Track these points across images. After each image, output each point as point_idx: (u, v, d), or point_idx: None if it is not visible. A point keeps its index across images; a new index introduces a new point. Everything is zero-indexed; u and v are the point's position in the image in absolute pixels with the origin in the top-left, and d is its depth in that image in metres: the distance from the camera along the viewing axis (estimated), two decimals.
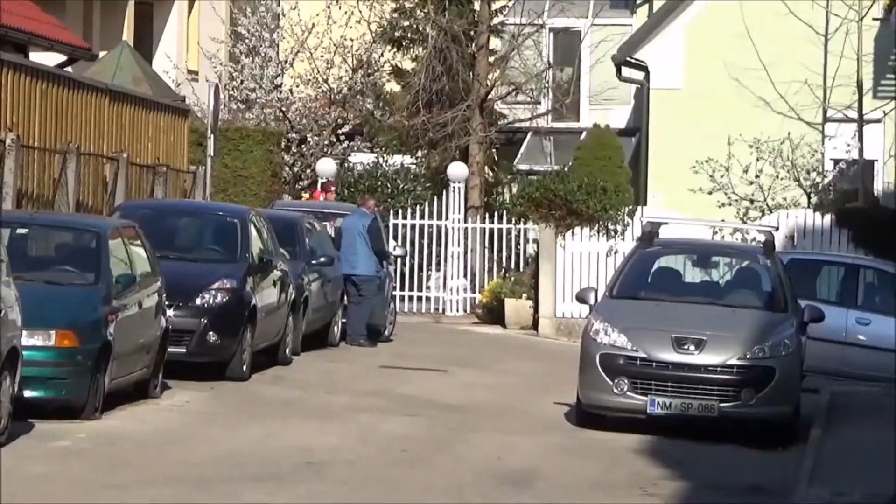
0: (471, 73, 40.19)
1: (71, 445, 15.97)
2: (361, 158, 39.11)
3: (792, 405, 19.66)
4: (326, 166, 36.70)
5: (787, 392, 19.51)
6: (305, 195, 31.59)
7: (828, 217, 33.47)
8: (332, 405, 20.27)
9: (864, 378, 23.72)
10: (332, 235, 28.96)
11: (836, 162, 36.57)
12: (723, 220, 32.95)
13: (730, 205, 34.81)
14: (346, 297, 27.96)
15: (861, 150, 36.23)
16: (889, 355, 23.05)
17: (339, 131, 40.77)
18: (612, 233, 33.55)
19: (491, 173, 40.03)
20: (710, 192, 35.11)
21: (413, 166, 38.83)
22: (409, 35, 42.64)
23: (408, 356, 24.37)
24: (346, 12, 42.22)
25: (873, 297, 25.96)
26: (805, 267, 25.83)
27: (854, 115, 36.08)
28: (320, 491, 14.28)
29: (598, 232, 33.87)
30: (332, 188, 31.16)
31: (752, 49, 35.47)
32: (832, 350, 23.61)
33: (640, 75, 38.89)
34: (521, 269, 35.36)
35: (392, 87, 42.44)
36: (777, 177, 35.46)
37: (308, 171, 38.50)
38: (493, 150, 41.53)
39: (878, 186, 35.61)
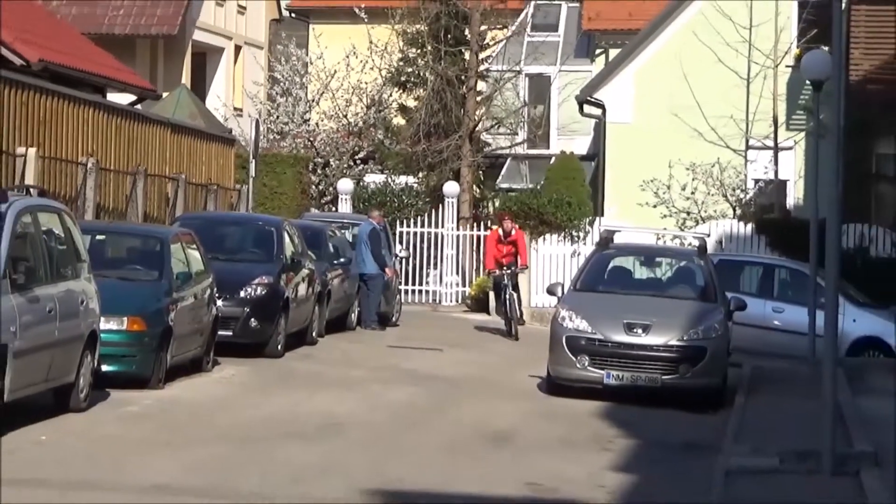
0: (462, 110, 40.08)
1: (139, 410, 16.00)
2: (374, 178, 39.00)
3: (720, 377, 19.70)
4: (345, 185, 36.78)
5: (716, 367, 19.54)
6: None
7: (749, 226, 33.49)
8: (350, 378, 20.28)
9: (779, 355, 23.73)
10: (351, 241, 29.02)
11: (757, 181, 36.54)
12: (665, 229, 32.90)
13: (670, 216, 34.76)
14: (360, 291, 27.98)
15: (776, 172, 36.28)
16: (799, 337, 23.02)
17: (356, 157, 40.71)
18: (575, 238, 33.49)
19: (478, 190, 39.93)
20: (654, 206, 35.05)
21: (415, 185, 38.68)
22: (412, 79, 42.54)
23: (411, 338, 24.36)
24: (361, 61, 42.20)
25: (786, 290, 26.00)
26: (731, 266, 25.84)
27: (771, 143, 36.11)
28: (340, 447, 14.38)
29: (564, 238, 33.85)
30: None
31: (688, 90, 35.43)
32: (753, 333, 23.61)
33: (598, 112, 38.85)
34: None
35: (398, 121, 42.32)
36: (708, 193, 35.42)
37: (330, 188, 38.42)
38: (480, 172, 41.43)
39: (790, 201, 35.61)
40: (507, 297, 26.44)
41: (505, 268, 26.49)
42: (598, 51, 44.48)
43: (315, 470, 13.04)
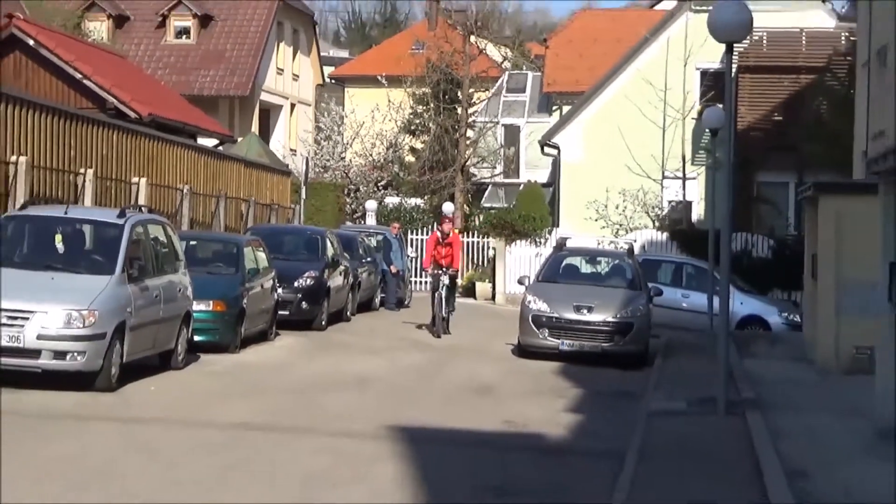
0: (455, 150, 40.12)
1: (221, 369, 16.01)
2: (392, 200, 38.93)
3: (644, 345, 19.66)
4: (371, 205, 36.73)
5: (640, 337, 19.50)
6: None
7: (665, 234, 33.43)
8: (374, 346, 20.29)
9: (686, 329, 23.73)
10: (374, 245, 29.02)
11: (670, 202, 36.46)
12: (603, 237, 32.94)
13: (607, 227, 34.67)
14: (382, 281, 28.03)
15: (684, 195, 36.21)
16: (700, 315, 23.04)
17: (379, 184, 40.66)
18: (538, 244, 33.40)
19: (467, 209, 39.80)
20: (596, 220, 34.98)
21: (422, 204, 38.68)
22: (419, 128, 42.63)
23: (419, 317, 24.33)
24: (382, 115, 42.24)
25: (691, 281, 25.99)
26: (651, 264, 25.82)
27: (680, 175, 36.08)
28: (367, 396, 14.38)
29: (530, 243, 33.74)
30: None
31: (620, 136, 35.36)
32: (667, 312, 23.60)
33: (554, 152, 38.75)
34: (485, 265, 35.25)
35: (409, 158, 42.27)
36: (635, 211, 35.34)
37: (360, 207, 38.38)
38: (469, 195, 41.34)
39: (694, 217, 35.51)
40: (438, 296, 21.90)
41: (442, 269, 21.99)
42: (554, 107, 44.36)
43: (350, 412, 13.11)
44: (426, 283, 35.39)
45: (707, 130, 26.29)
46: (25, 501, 8.15)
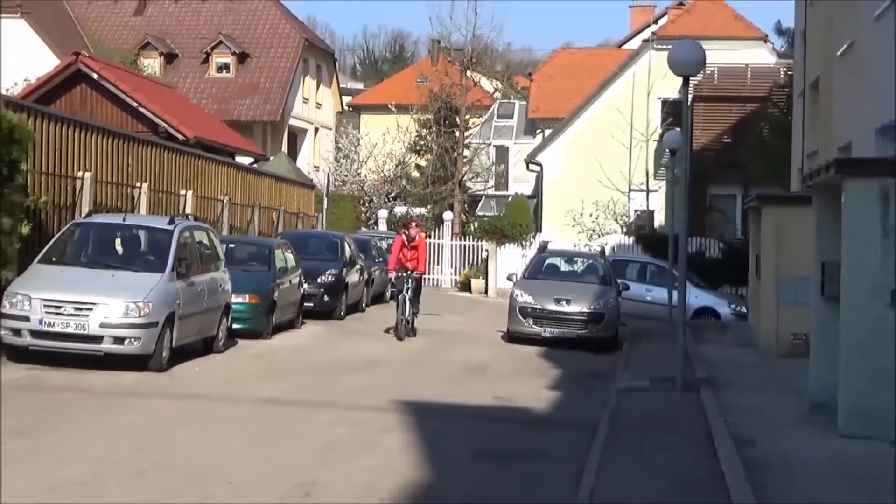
0: (454, 167, 40.11)
1: (256, 352, 16.00)
2: (400, 209, 38.88)
3: (614, 332, 19.63)
4: (382, 213, 36.80)
5: (611, 325, 19.49)
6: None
7: (631, 239, 33.42)
8: (383, 333, 20.29)
9: (649, 318, 23.73)
10: (386, 248, 29.03)
11: (636, 211, 36.46)
12: (579, 241, 32.97)
13: (583, 233, 34.60)
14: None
15: (648, 205, 36.28)
16: (661, 307, 23.06)
17: (389, 196, 40.67)
18: (524, 246, 33.34)
19: (464, 216, 39.79)
20: (573, 227, 34.90)
21: (425, 213, 38.70)
22: (423, 148, 42.59)
23: (422, 308, 24.29)
24: (392, 137, 42.29)
25: (654, 278, 25.95)
26: (620, 263, 25.77)
27: (644, 188, 36.17)
28: (378, 375, 14.38)
29: (517, 246, 33.73)
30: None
31: (594, 155, 35.39)
32: (634, 304, 23.57)
33: (538, 169, 38.73)
34: (479, 264, 35.24)
35: (415, 174, 42.24)
36: (606, 219, 35.35)
37: (373, 216, 38.38)
38: (465, 206, 41.32)
39: (657, 223, 35.52)
40: (402, 298, 18.95)
41: (407, 272, 19.11)
42: (537, 131, 44.28)
43: (364, 388, 13.12)
44: (430, 279, 36.18)
45: (667, 150, 26.26)
46: (64, 480, 8.12)
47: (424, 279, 22.61)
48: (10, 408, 10.34)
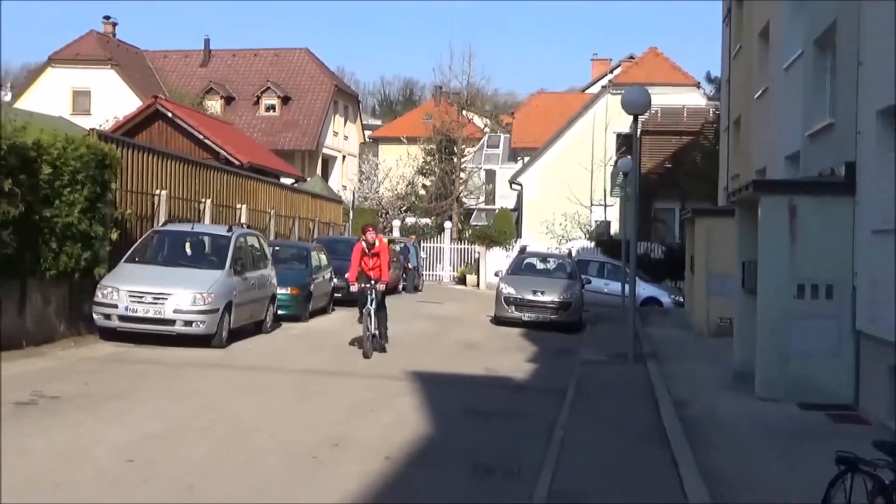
0: (452, 186, 40.11)
1: (296, 333, 15.99)
2: (410, 220, 38.85)
3: (578, 317, 19.62)
4: (396, 223, 36.75)
5: (576, 311, 19.47)
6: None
7: (592, 243, 33.47)
8: (397, 316, 20.00)
9: (606, 306, 23.71)
10: (398, 250, 28.97)
11: (596, 221, 36.47)
12: (551, 245, 32.97)
13: (554, 238, 34.53)
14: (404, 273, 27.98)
15: (605, 216, 36.28)
16: (616, 297, 23.03)
17: (401, 209, 40.60)
18: (508, 249, 33.34)
19: (460, 225, 39.72)
20: (546, 233, 34.84)
21: (430, 223, 38.67)
22: (428, 171, 42.44)
23: (427, 298, 24.32)
24: (404, 163, 42.15)
25: (611, 274, 25.81)
26: (583, 262, 25.73)
27: (603, 203, 36.20)
28: (393, 351, 14.31)
29: (502, 248, 33.75)
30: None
31: (564, 177, 35.47)
32: (594, 295, 23.53)
33: (519, 188, 38.72)
34: (472, 263, 35.20)
35: (421, 191, 42.14)
36: (572, 227, 35.33)
37: (389, 225, 38.25)
38: (461, 216, 41.29)
39: (612, 231, 35.49)
40: (367, 311, 13.82)
41: (370, 282, 13.91)
42: (518, 158, 44.23)
43: (382, 361, 13.09)
44: (433, 275, 36.27)
45: (621, 173, 26.29)
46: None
47: (430, 275, 22.34)
48: (104, 376, 10.40)
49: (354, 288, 14.20)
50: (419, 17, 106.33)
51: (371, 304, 13.77)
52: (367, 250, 14.09)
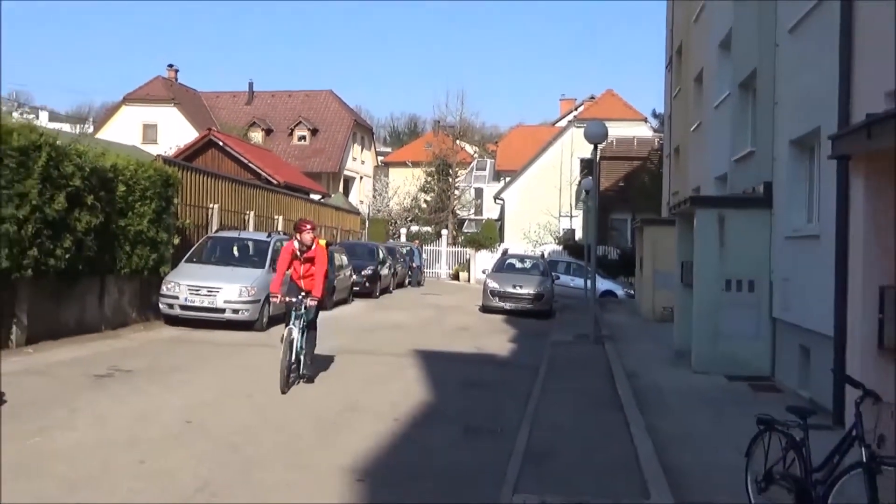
0: (448, 201, 40.03)
1: (321, 319, 15.57)
2: (414, 228, 38.81)
3: (550, 306, 19.54)
4: (403, 231, 36.63)
5: (548, 302, 19.41)
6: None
7: (561, 246, 33.45)
8: (404, 306, 20.18)
9: (572, 297, 23.69)
10: (405, 253, 28.89)
11: (564, 229, 36.48)
12: (528, 248, 32.94)
13: (530, 243, 34.62)
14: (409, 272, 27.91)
15: (571, 225, 36.27)
16: (580, 290, 23.01)
17: (407, 220, 40.51)
18: (493, 251, 33.35)
19: (455, 232, 39.67)
20: (523, 239, 34.96)
21: (430, 230, 38.61)
22: (429, 189, 42.27)
23: (428, 291, 24.27)
24: (409, 182, 42.06)
25: (575, 272, 25.80)
26: (554, 262, 25.64)
27: (569, 214, 36.16)
28: (401, 333, 14.30)
29: (489, 251, 33.74)
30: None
31: (538, 193, 35.45)
32: (562, 289, 23.52)
33: (502, 202, 38.81)
34: (465, 263, 35.19)
35: (423, 205, 42.05)
36: (545, 234, 35.39)
37: (397, 232, 38.15)
38: (455, 225, 41.23)
39: (577, 236, 35.49)
40: (288, 332, 8.08)
41: (299, 295, 8.33)
42: (501, 178, 44.27)
43: (392, 341, 13.04)
44: (433, 273, 36.46)
45: (584, 191, 26.33)
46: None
47: (430, 273, 22.25)
48: (168, 354, 10.37)
49: (277, 300, 8.36)
50: (421, 65, 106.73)
51: (294, 323, 8.14)
52: (298, 253, 8.54)
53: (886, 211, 4.56)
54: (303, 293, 8.53)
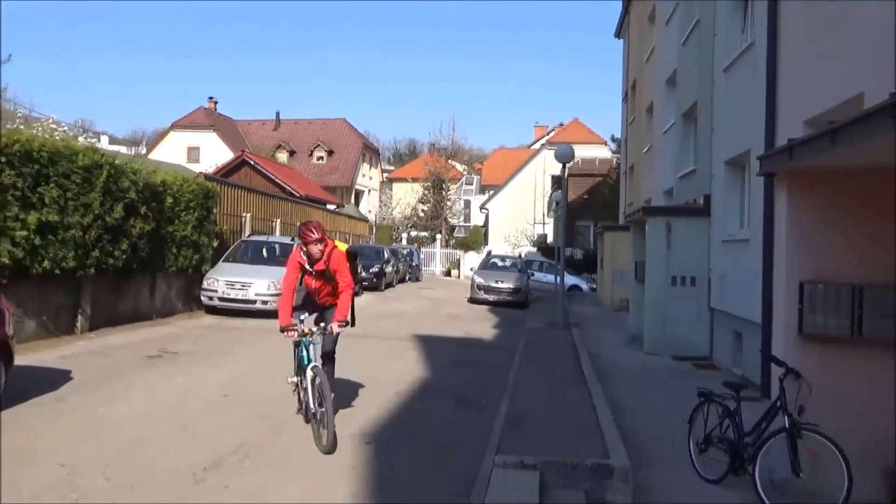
0: (442, 211, 39.94)
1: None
2: (413, 233, 38.70)
3: (526, 298, 19.39)
4: (404, 236, 36.54)
5: (525, 295, 19.25)
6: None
7: (536, 248, 33.45)
8: (405, 297, 20.08)
9: (544, 291, 23.65)
10: (406, 253, 28.78)
11: (538, 234, 36.47)
12: (508, 250, 32.90)
13: (510, 245, 34.64)
14: (409, 269, 27.77)
15: (544, 230, 36.23)
16: (552, 285, 22.97)
17: (408, 226, 40.39)
18: (479, 252, 33.30)
19: (447, 237, 39.63)
20: (505, 242, 34.95)
21: (426, 235, 38.49)
22: (426, 200, 42.11)
23: (425, 286, 24.19)
24: (409, 195, 41.93)
25: (547, 269, 25.81)
26: (529, 261, 25.56)
27: (542, 221, 36.14)
28: (402, 320, 14.20)
29: (476, 252, 33.68)
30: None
31: (516, 205, 35.45)
32: (537, 284, 23.52)
33: (486, 212, 38.75)
34: (456, 262, 35.10)
35: (421, 214, 41.94)
36: (522, 238, 35.38)
37: (399, 236, 38.04)
38: (448, 232, 41.17)
39: (549, 240, 35.39)
40: (303, 377, 4.56)
41: (315, 327, 4.63)
42: (486, 192, 44.18)
43: (395, 327, 12.97)
44: (429, 270, 36.62)
45: (554, 202, 26.36)
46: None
47: (427, 270, 22.13)
48: (208, 339, 10.30)
49: (293, 334, 5.21)
50: (420, 96, 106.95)
51: (309, 362, 5.24)
52: (309, 266, 5.47)
53: (805, 219, 4.64)
54: (322, 324, 5.21)
